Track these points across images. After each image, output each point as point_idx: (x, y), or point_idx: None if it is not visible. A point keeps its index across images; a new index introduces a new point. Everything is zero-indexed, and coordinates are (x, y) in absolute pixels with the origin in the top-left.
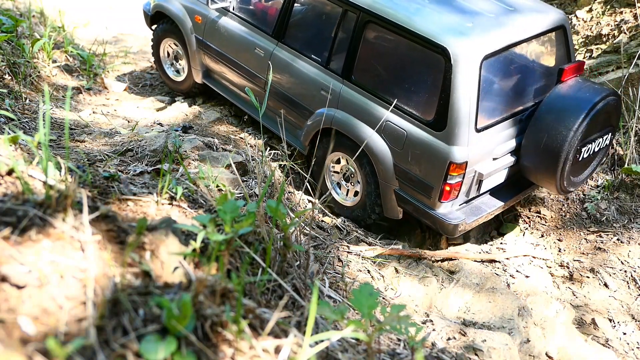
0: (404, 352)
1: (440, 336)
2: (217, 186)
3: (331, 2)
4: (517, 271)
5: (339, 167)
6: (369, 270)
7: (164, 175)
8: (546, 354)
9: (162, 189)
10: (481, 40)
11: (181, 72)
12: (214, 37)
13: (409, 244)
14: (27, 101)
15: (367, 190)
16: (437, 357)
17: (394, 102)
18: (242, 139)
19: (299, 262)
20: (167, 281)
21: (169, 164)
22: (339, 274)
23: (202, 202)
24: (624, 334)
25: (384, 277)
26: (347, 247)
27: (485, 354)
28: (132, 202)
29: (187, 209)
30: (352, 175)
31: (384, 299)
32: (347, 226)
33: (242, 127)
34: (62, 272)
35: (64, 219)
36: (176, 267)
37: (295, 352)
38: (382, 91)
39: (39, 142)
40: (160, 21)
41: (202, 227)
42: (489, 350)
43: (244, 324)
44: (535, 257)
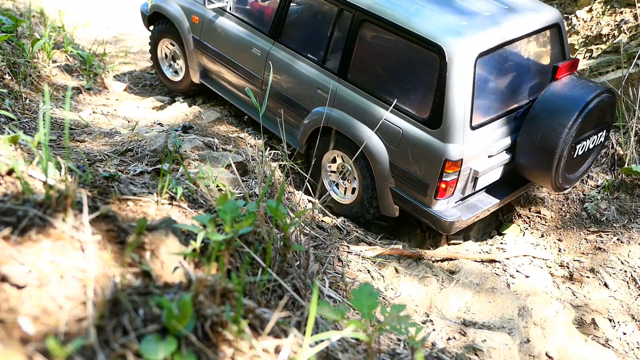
0: (404, 352)
1: (440, 336)
2: (217, 186)
3: (327, 2)
4: (517, 271)
5: (335, 167)
6: (369, 270)
7: (164, 175)
8: (546, 354)
9: (162, 189)
10: (476, 38)
11: (179, 72)
12: (211, 37)
13: (409, 244)
14: (27, 101)
15: (363, 184)
16: (437, 357)
17: (389, 100)
18: (242, 139)
19: (299, 262)
20: (167, 281)
21: (169, 164)
22: (339, 274)
23: (202, 202)
24: (624, 334)
25: (384, 277)
26: (347, 247)
27: (485, 354)
28: (132, 202)
29: (187, 209)
30: (349, 172)
31: (384, 299)
32: (347, 226)
33: (242, 127)
34: (62, 272)
35: (64, 219)
36: (176, 267)
37: (295, 352)
38: (378, 90)
39: (39, 142)
40: (157, 22)
41: (202, 227)
42: (489, 350)
43: (244, 324)
44: (535, 257)
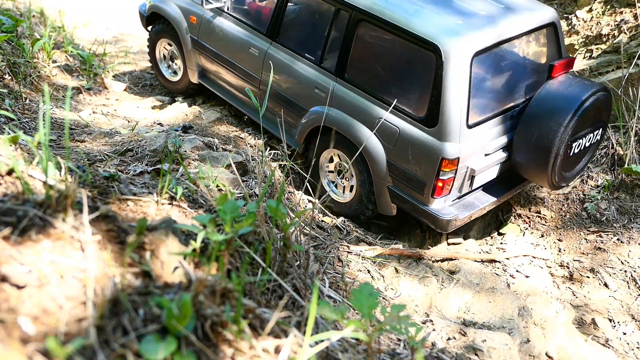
0: (404, 352)
1: (440, 336)
2: (217, 186)
3: (324, 1)
4: (517, 271)
5: (332, 166)
6: (369, 270)
7: (164, 175)
8: (546, 354)
9: (162, 189)
10: (472, 37)
11: (177, 72)
12: (209, 37)
13: (409, 244)
14: (27, 101)
15: (360, 180)
16: (437, 357)
17: (386, 99)
18: (242, 139)
19: (299, 262)
20: (167, 281)
21: (169, 164)
22: (339, 274)
23: (202, 202)
24: (624, 334)
25: (384, 277)
26: (347, 247)
27: (485, 354)
28: (132, 202)
29: (187, 209)
30: (346, 170)
31: (384, 299)
32: (347, 226)
33: (242, 127)
34: (62, 272)
35: (64, 219)
36: (176, 267)
37: (295, 352)
38: (375, 89)
39: (39, 142)
40: (155, 22)
41: (202, 227)
42: (489, 350)
43: (244, 324)
44: (535, 257)
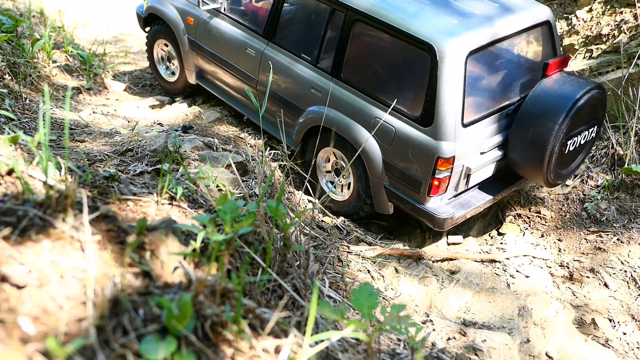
0: (404, 352)
1: (440, 336)
2: (217, 186)
3: (319, 2)
4: (517, 271)
5: (329, 166)
6: (369, 270)
7: (164, 175)
8: (546, 354)
9: (162, 189)
10: (466, 36)
11: (175, 72)
12: (205, 38)
13: (409, 244)
14: (27, 101)
15: (357, 174)
16: (437, 357)
17: (382, 99)
18: (242, 139)
19: (299, 262)
20: (167, 281)
21: (169, 164)
22: (339, 274)
23: (202, 202)
24: (624, 334)
25: (384, 277)
26: (347, 247)
27: (485, 354)
28: (132, 202)
29: (187, 209)
30: (342, 167)
31: (384, 299)
32: (347, 226)
33: (242, 127)
34: (62, 272)
35: (64, 219)
36: (176, 267)
37: (295, 352)
38: (371, 89)
39: (39, 142)
40: (153, 23)
41: (202, 227)
42: (489, 350)
43: (244, 324)
44: (535, 257)
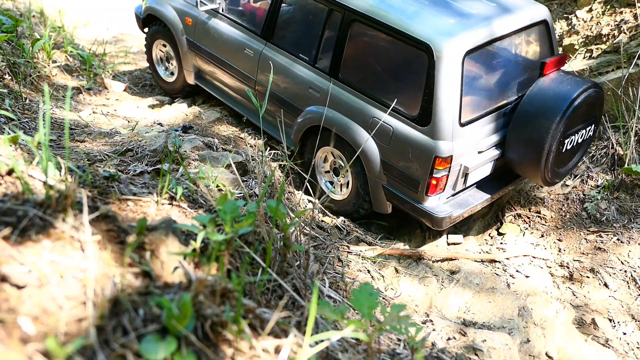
0: (404, 352)
1: (440, 336)
2: (217, 186)
3: (317, 2)
4: (517, 271)
5: (328, 166)
6: (369, 270)
7: (164, 175)
8: (546, 354)
9: (162, 189)
10: (463, 36)
11: (174, 72)
12: (204, 38)
13: (409, 244)
14: (27, 101)
15: (354, 172)
16: (437, 357)
17: (380, 99)
18: (242, 139)
19: (299, 262)
20: (167, 281)
21: (169, 164)
22: (339, 274)
23: (202, 202)
24: (624, 334)
25: (384, 277)
26: (347, 247)
27: (485, 354)
28: (132, 202)
29: (187, 209)
30: (340, 166)
31: (384, 299)
32: (347, 226)
33: (242, 127)
34: (62, 272)
35: (64, 219)
36: (176, 267)
37: (295, 352)
38: (369, 88)
39: (39, 142)
40: (151, 24)
41: (202, 227)
42: (489, 350)
43: (244, 324)
44: (535, 257)
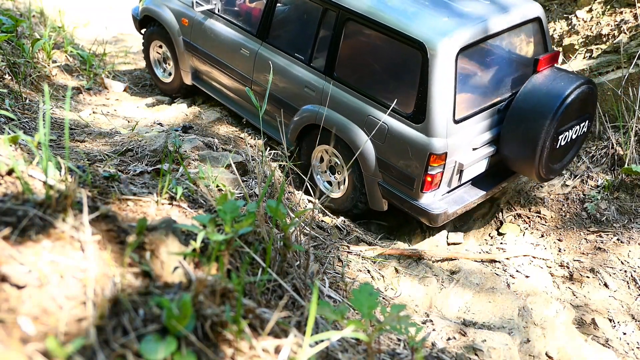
0: (404, 352)
1: (440, 336)
2: (217, 186)
3: (312, 1)
4: (517, 271)
5: (324, 165)
6: (369, 270)
7: (164, 175)
8: (546, 354)
9: (162, 189)
10: (457, 33)
11: (172, 73)
12: (200, 39)
13: (409, 243)
14: (27, 101)
15: (350, 168)
16: (437, 357)
17: (375, 97)
18: (242, 139)
19: (299, 262)
20: (167, 281)
21: (169, 164)
22: (339, 274)
23: (202, 202)
24: (624, 334)
25: (384, 277)
26: (347, 247)
27: (485, 354)
28: (132, 202)
29: (187, 209)
30: (337, 164)
31: (384, 299)
32: (347, 226)
33: (242, 127)
34: (62, 272)
35: (64, 219)
36: (176, 267)
37: (295, 352)
38: (364, 87)
39: (39, 142)
40: (148, 25)
41: (202, 227)
42: (489, 350)
43: (244, 324)
44: (535, 257)
